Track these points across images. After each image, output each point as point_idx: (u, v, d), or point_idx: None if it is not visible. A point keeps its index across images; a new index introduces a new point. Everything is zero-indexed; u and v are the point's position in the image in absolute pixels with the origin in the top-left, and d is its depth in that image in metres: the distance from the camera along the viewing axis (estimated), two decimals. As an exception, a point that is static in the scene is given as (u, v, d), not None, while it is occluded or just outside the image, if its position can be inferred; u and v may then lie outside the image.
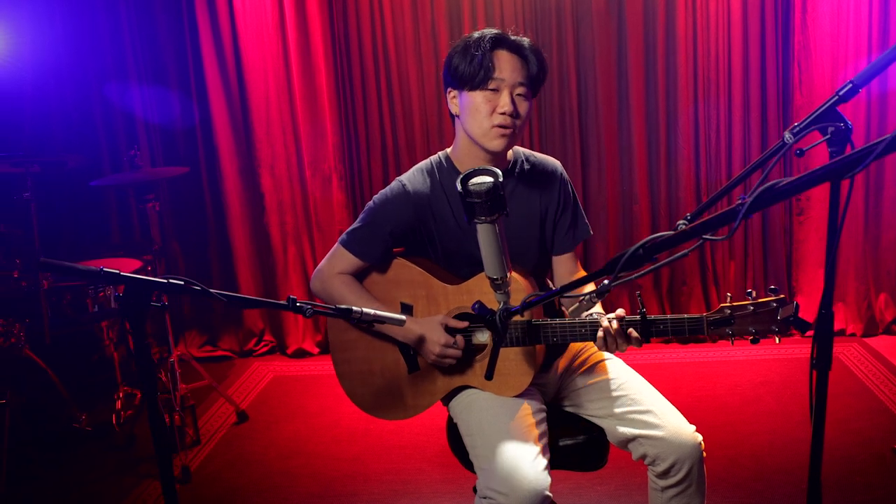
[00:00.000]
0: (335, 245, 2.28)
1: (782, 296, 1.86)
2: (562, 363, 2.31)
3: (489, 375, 1.77)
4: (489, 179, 1.67)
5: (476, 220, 1.70)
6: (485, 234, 1.72)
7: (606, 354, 2.31)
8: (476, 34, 2.10)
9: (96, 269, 1.52)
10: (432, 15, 4.48)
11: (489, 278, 1.78)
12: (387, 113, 4.63)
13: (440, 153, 2.28)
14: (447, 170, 2.21)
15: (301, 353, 4.88)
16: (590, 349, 2.33)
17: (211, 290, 1.65)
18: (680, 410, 3.65)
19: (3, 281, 3.32)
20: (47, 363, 3.70)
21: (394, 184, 2.23)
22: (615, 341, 1.94)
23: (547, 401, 2.28)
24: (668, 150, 4.50)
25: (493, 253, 1.74)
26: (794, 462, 3.19)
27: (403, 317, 1.90)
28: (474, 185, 1.67)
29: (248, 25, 4.56)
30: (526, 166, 2.27)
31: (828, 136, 1.43)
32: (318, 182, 4.74)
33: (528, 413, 2.08)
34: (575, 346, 2.35)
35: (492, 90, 2.06)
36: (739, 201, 1.31)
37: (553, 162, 2.32)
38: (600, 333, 1.94)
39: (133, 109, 4.71)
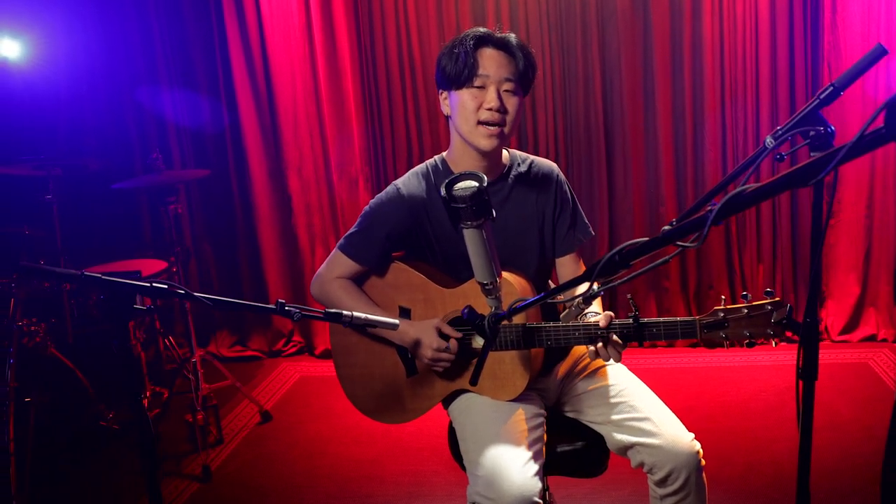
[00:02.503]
0: (333, 250, 2.30)
1: (778, 298, 1.83)
2: (563, 367, 2.29)
3: (474, 381, 1.76)
4: (474, 184, 1.66)
5: (462, 225, 1.69)
6: (472, 239, 1.71)
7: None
8: (462, 34, 2.11)
9: (77, 272, 1.54)
10: (457, 18, 4.48)
11: (479, 283, 1.77)
12: (412, 115, 4.64)
13: (436, 157, 2.28)
14: (443, 173, 2.20)
15: (329, 354, 4.89)
16: (592, 354, 2.30)
17: (195, 294, 1.67)
18: (702, 415, 3.65)
19: (28, 282, 3.39)
20: (76, 363, 3.76)
21: (389, 188, 2.24)
22: (606, 353, 1.92)
23: (548, 405, 2.26)
24: (695, 151, 4.43)
25: (481, 258, 1.73)
26: (814, 471, 3.10)
27: (396, 321, 1.90)
28: (458, 189, 1.66)
29: (276, 29, 4.60)
30: (522, 169, 2.25)
31: (808, 141, 1.39)
32: (345, 184, 4.77)
33: (522, 418, 2.07)
34: (577, 351, 2.32)
35: (478, 87, 2.06)
36: (709, 207, 1.28)
37: (549, 164, 2.31)
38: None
39: (164, 113, 4.80)
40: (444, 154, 2.27)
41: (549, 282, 2.42)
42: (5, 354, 3.26)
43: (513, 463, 1.92)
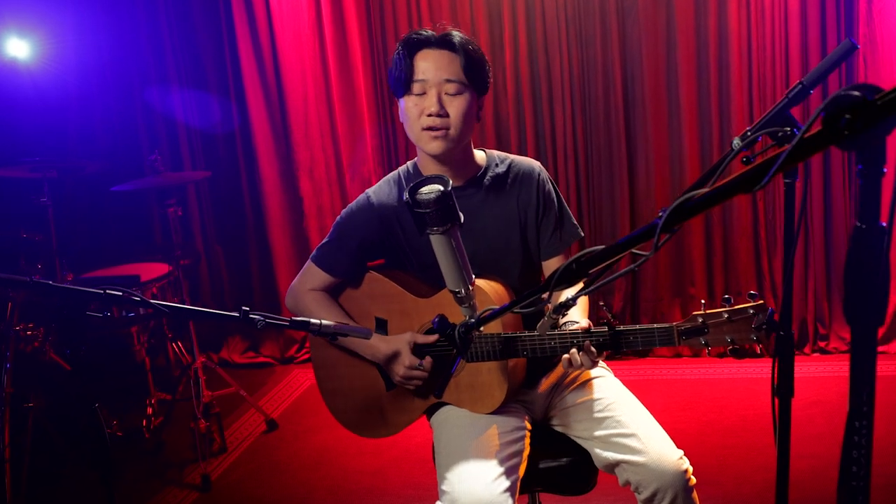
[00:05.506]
0: (307, 261, 2.31)
1: (761, 301, 1.78)
2: (550, 379, 2.27)
3: (438, 393, 1.74)
4: (438, 188, 1.64)
5: (429, 232, 1.68)
6: (439, 246, 1.69)
7: (598, 371, 2.25)
8: (401, 39, 2.12)
9: (26, 279, 1.56)
10: (471, 12, 4.47)
11: (451, 292, 1.75)
12: (426, 114, 4.63)
13: (409, 162, 2.28)
14: (414, 177, 2.19)
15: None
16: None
17: (151, 301, 1.69)
18: (721, 430, 3.60)
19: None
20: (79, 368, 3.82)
21: (360, 196, 2.25)
22: (578, 360, 1.90)
23: (535, 418, 2.24)
24: (722, 149, 4.35)
25: (450, 265, 1.71)
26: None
27: (368, 329, 1.90)
28: (422, 194, 1.64)
29: (286, 26, 4.64)
30: (500, 170, 2.23)
31: (776, 142, 1.36)
32: (358, 186, 4.78)
33: (499, 432, 2.05)
34: (567, 362, 2.30)
35: (418, 94, 2.06)
36: (660, 214, 1.25)
37: (530, 163, 2.28)
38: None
39: (174, 113, 4.87)
40: (415, 160, 2.27)
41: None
42: (2, 360, 3.33)
43: (480, 478, 1.90)
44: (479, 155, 2.24)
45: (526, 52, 4.44)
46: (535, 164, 2.28)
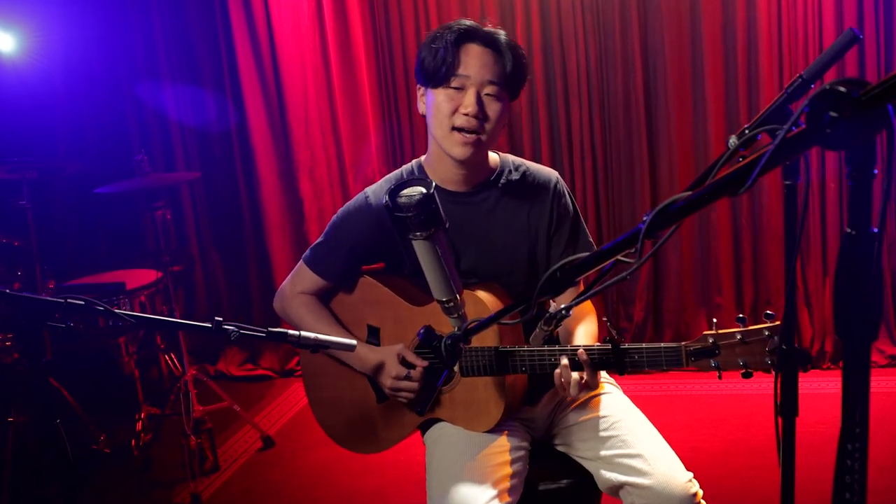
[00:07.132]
0: (299, 262, 2.31)
1: (777, 322, 1.77)
2: (553, 396, 2.26)
3: (421, 410, 1.75)
4: (420, 190, 1.64)
5: (411, 237, 1.67)
6: (423, 252, 1.68)
7: (604, 388, 2.24)
8: (445, 25, 2.08)
9: (-23, 289, 1.57)
10: (481, 3, 4.46)
11: (437, 301, 1.75)
12: (433, 110, 4.63)
13: (413, 161, 2.27)
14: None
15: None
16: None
17: (116, 311, 1.70)
18: (748, 449, 3.57)
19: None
20: (65, 381, 3.84)
21: (358, 196, 2.25)
22: (569, 385, 1.89)
23: (536, 437, 2.24)
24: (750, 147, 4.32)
25: (435, 273, 1.70)
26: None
27: (353, 341, 1.90)
28: (403, 197, 1.64)
29: (284, 17, 4.66)
30: (514, 177, 2.22)
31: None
32: (360, 187, 4.71)
33: (495, 452, 2.05)
34: (570, 377, 2.29)
35: (455, 88, 2.03)
36: (644, 218, 1.24)
37: (548, 172, 2.27)
38: (557, 371, 1.89)
39: (166, 111, 4.90)
40: (421, 159, 2.26)
41: (551, 302, 2.38)
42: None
43: (473, 501, 1.90)
44: (493, 158, 2.23)
45: (539, 44, 4.43)
46: (553, 175, 2.27)
